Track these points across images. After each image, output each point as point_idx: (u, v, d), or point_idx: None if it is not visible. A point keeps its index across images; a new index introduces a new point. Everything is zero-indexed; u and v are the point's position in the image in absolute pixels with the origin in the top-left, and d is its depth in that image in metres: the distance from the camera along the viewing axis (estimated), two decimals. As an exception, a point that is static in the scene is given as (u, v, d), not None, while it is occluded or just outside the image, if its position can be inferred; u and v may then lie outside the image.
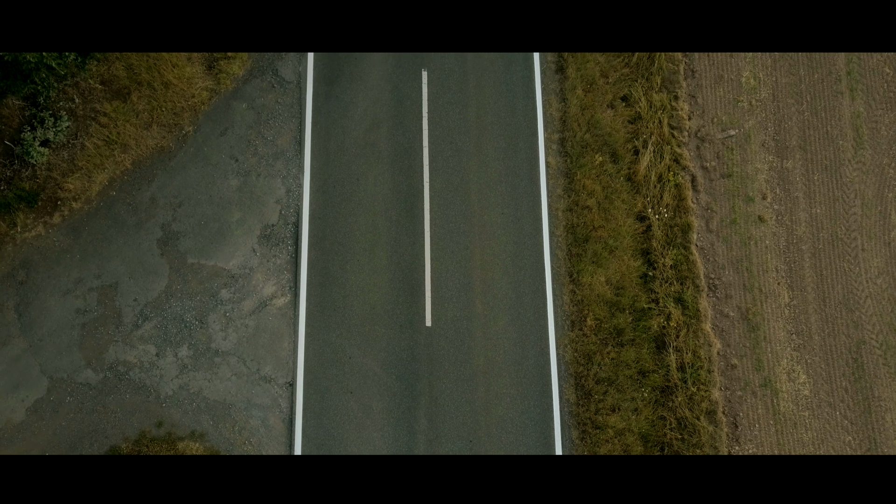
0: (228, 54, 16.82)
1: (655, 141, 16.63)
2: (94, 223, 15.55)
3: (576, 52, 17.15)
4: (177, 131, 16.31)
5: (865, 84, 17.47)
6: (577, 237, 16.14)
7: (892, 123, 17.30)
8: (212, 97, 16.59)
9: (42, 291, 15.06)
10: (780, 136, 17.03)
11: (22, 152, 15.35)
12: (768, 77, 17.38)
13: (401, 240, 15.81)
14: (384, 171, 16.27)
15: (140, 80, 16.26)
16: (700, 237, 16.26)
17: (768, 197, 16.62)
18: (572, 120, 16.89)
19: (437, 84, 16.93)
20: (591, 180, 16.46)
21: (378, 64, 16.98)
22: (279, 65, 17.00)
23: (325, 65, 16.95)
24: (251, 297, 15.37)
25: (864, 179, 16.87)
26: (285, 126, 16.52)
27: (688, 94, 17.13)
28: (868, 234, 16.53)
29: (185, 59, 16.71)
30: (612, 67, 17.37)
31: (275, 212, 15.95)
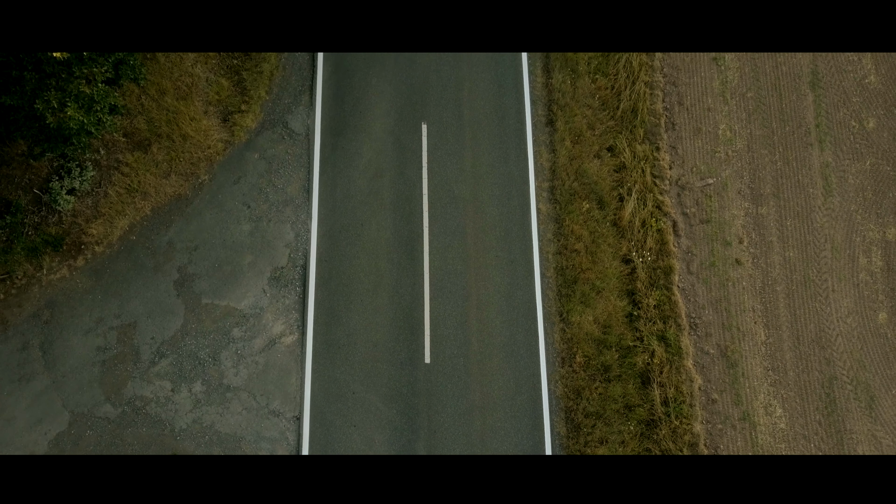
0: (242, 108, 18.14)
1: (639, 189, 17.87)
2: (115, 266, 16.62)
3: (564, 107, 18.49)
4: (193, 180, 17.51)
5: (833, 136, 18.82)
6: (567, 279, 17.25)
7: (859, 173, 18.61)
8: (226, 148, 17.83)
9: (65, 330, 16.06)
10: (755, 184, 18.30)
11: (50, 200, 16.50)
12: (743, 129, 18.73)
13: (402, 281, 16.90)
14: (386, 216, 17.43)
15: (160, 133, 17.52)
16: (681, 279, 17.39)
17: (745, 241, 17.81)
18: (561, 169, 18.15)
19: (436, 136, 18.21)
20: (580, 225, 17.64)
21: (381, 117, 18.28)
22: (289, 118, 18.29)
23: (332, 117, 18.25)
24: (261, 335, 16.38)
25: (833, 225, 18.09)
26: (294, 175, 17.74)
27: (669, 145, 18.44)
28: (838, 276, 17.68)
29: (202, 112, 18.00)
30: (598, 120, 18.72)
31: (284, 255, 17.06)
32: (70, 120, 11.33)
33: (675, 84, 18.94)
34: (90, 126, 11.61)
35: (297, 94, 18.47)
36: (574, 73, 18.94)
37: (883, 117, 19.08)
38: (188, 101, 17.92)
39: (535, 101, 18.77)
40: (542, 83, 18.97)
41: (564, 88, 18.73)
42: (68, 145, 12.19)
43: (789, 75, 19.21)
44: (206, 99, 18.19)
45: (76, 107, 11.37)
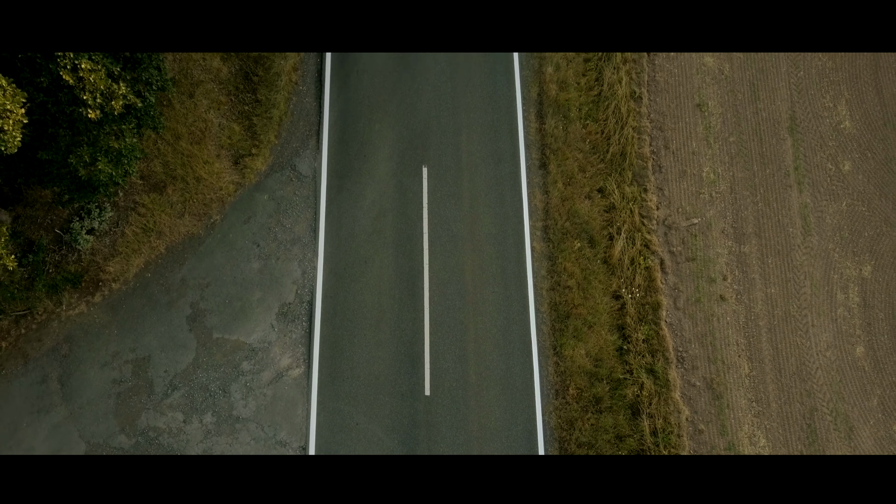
0: (252, 151, 19.19)
1: (628, 228, 18.87)
2: (130, 302, 17.50)
3: (556, 151, 19.58)
4: (206, 220, 18.48)
5: (811, 178, 19.91)
6: (560, 314, 18.16)
7: (836, 213, 19.66)
8: (237, 189, 18.84)
9: (83, 363, 16.87)
10: (738, 224, 19.33)
11: (70, 239, 17.43)
12: (726, 172, 19.82)
13: (403, 316, 17.78)
14: (389, 254, 18.38)
15: (175, 175, 18.53)
16: (669, 314, 18.31)
17: (728, 278, 18.77)
18: (554, 210, 19.17)
19: (436, 178, 19.25)
20: (572, 263, 18.60)
21: (384, 160, 19.34)
22: (297, 161, 19.34)
23: (338, 161, 19.31)
24: (269, 368, 17.20)
25: (812, 263, 19.08)
26: (302, 215, 18.72)
27: (656, 186, 19.50)
28: (817, 311, 18.62)
29: (215, 156, 19.05)
30: (588, 163, 19.80)
31: (291, 291, 17.96)
32: (100, 173, 12.32)
33: (662, 129, 20.07)
34: (118, 178, 12.60)
35: (305, 138, 19.55)
36: (566, 118, 20.07)
37: (858, 160, 20.19)
38: (202, 145, 18.98)
39: (529, 146, 19.86)
40: (535, 128, 20.08)
41: (557, 133, 19.84)
42: (96, 194, 13.15)
43: (769, 120, 20.37)
44: (218, 143, 19.24)
45: (106, 161, 12.37)
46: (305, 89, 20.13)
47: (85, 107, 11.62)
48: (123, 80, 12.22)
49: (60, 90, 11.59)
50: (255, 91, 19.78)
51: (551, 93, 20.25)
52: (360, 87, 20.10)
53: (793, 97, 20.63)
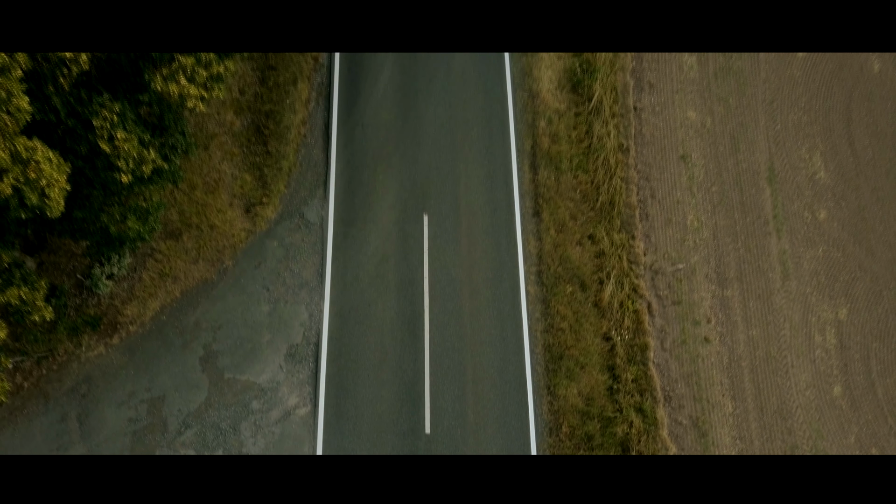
0: (263, 200, 20.37)
1: (617, 273, 20.02)
2: (146, 344, 18.47)
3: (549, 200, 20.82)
4: (219, 265, 19.56)
5: (789, 226, 21.15)
6: (553, 355, 19.19)
7: (812, 259, 20.86)
8: (248, 236, 19.97)
9: (100, 403, 17.77)
10: (721, 269, 20.50)
11: (91, 284, 18.47)
12: (709, 220, 21.05)
13: (405, 357, 18.78)
14: (391, 298, 19.44)
15: (190, 223, 19.66)
16: (656, 355, 19.35)
17: (712, 321, 19.87)
18: (547, 255, 20.33)
19: (436, 225, 20.42)
20: (564, 306, 19.69)
21: (388, 208, 20.52)
22: (305, 209, 20.52)
23: (344, 209, 20.48)
24: (278, 407, 18.12)
25: (791, 306, 20.21)
26: (309, 261, 19.83)
27: (643, 233, 20.70)
28: (796, 352, 19.69)
29: (228, 204, 20.21)
30: (579, 211, 21.02)
31: (299, 334, 18.96)
32: (129, 230, 13.44)
33: (648, 179, 21.35)
34: (145, 234, 13.72)
35: (313, 187, 20.76)
36: (558, 169, 21.35)
37: (832, 209, 21.47)
38: (215, 194, 20.16)
39: (523, 195, 21.10)
40: (529, 178, 21.34)
41: (549, 183, 21.10)
42: (123, 248, 14.25)
43: (748, 171, 21.68)
44: (231, 192, 20.43)
45: (135, 218, 13.50)
46: (313, 141, 21.41)
47: (119, 172, 12.79)
48: (153, 146, 13.42)
49: (97, 157, 12.77)
50: (266, 143, 21.05)
51: (544, 145, 21.57)
52: (364, 139, 21.39)
53: (771, 149, 21.98)
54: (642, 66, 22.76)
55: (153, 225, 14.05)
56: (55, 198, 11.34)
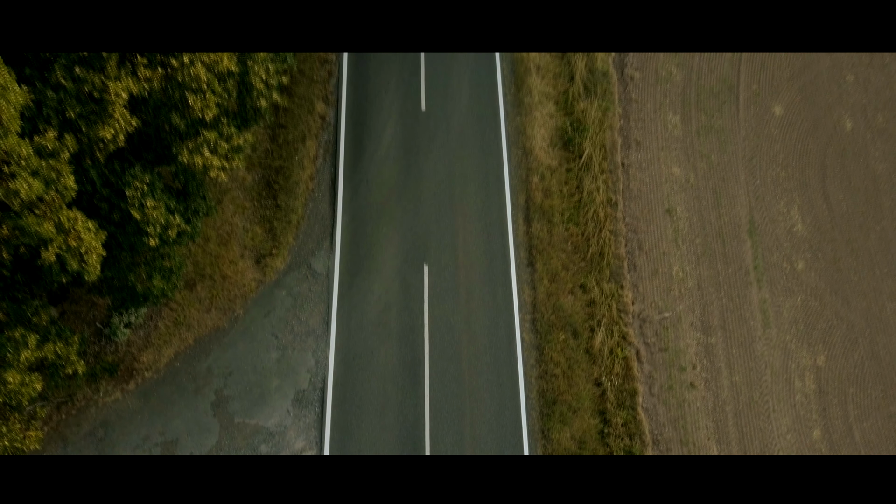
0: (273, 252, 21.57)
1: (607, 322, 21.17)
2: (161, 389, 19.46)
3: (542, 251, 22.07)
4: (230, 314, 20.66)
5: (769, 276, 22.39)
6: (547, 400, 20.20)
7: (791, 307, 22.05)
8: (259, 286, 21.12)
9: (116, 446, 18.68)
10: (705, 317, 21.67)
11: (109, 332, 19.53)
12: (693, 270, 22.30)
13: (405, 402, 19.78)
14: (393, 345, 20.52)
15: (204, 274, 20.83)
16: (644, 400, 20.38)
17: (697, 367, 20.96)
18: (541, 304, 21.50)
19: (436, 275, 21.62)
20: (557, 353, 20.78)
21: (390, 259, 21.74)
22: (312, 260, 21.73)
23: (349, 260, 21.69)
24: (285, 450, 19.04)
25: (771, 353, 21.33)
26: (316, 309, 20.96)
27: (631, 283, 21.92)
28: (777, 398, 20.75)
29: (239, 255, 21.41)
30: (571, 262, 22.26)
31: (306, 379, 19.98)
32: (154, 288, 14.60)
33: (636, 231, 22.65)
34: (168, 291, 14.88)
35: (320, 239, 22.00)
36: (550, 222, 22.66)
37: (810, 260, 22.75)
38: (228, 246, 21.38)
39: (518, 246, 22.36)
40: (523, 231, 22.63)
41: (542, 235, 22.38)
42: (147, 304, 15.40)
43: (730, 224, 23.02)
44: (242, 244, 21.65)
45: (159, 278, 14.67)
46: (320, 195, 22.73)
47: (147, 236, 14.01)
48: (178, 212, 14.67)
49: (128, 223, 14.00)
50: (276, 197, 22.35)
51: (537, 199, 22.92)
52: (369, 193, 22.72)
53: (751, 203, 23.36)
54: (629, 124, 24.26)
55: (175, 283, 15.22)
56: (93, 263, 12.52)
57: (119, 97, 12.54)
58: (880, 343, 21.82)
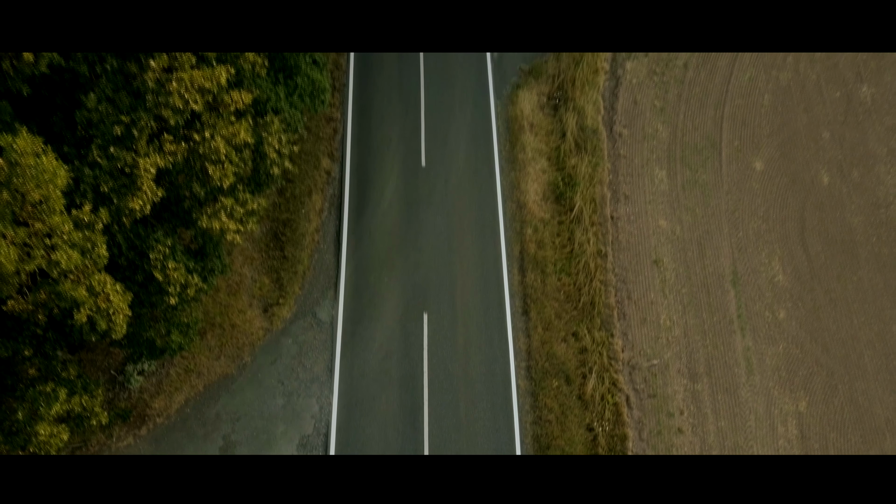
0: (280, 301, 22.66)
1: (598, 369, 22.18)
2: (171, 434, 20.35)
3: (536, 301, 23.19)
4: (238, 361, 21.66)
5: (752, 325, 23.50)
6: (542, 445, 21.09)
7: (774, 355, 23.11)
8: (266, 334, 22.16)
9: (128, 491, 19.48)
10: (691, 364, 22.70)
11: (123, 380, 20.50)
12: (680, 319, 23.40)
13: (405, 448, 20.65)
14: (394, 392, 21.48)
15: (214, 323, 21.88)
16: (634, 445, 21.28)
17: (685, 413, 21.91)
18: (535, 351, 22.53)
19: (435, 324, 22.69)
20: (551, 399, 21.75)
21: (391, 308, 22.83)
22: (317, 309, 22.81)
23: (352, 309, 22.78)
24: (290, 495, 19.84)
25: (755, 399, 22.31)
26: (320, 357, 21.96)
27: (621, 332, 23.00)
28: (761, 443, 21.66)
29: (248, 305, 22.50)
30: (563, 311, 23.37)
31: (310, 425, 20.88)
32: (172, 342, 15.67)
33: (625, 282, 23.82)
34: (185, 345, 15.94)
35: (324, 289, 23.12)
36: (543, 272, 23.83)
37: (791, 309, 23.88)
38: (237, 296, 22.48)
39: (513, 295, 23.49)
40: (518, 280, 23.80)
41: (536, 285, 23.54)
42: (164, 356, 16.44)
43: (714, 274, 24.21)
44: (251, 293, 22.77)
45: (177, 333, 15.76)
46: (325, 247, 23.93)
47: (168, 295, 15.13)
48: (196, 272, 15.83)
49: (151, 283, 15.13)
50: (283, 248, 23.54)
51: (531, 250, 24.14)
52: (371, 245, 23.93)
53: (734, 254, 24.60)
54: (618, 179, 25.64)
55: (192, 337, 16.30)
56: (120, 323, 13.61)
57: (148, 172, 13.79)
58: (859, 389, 22.82)
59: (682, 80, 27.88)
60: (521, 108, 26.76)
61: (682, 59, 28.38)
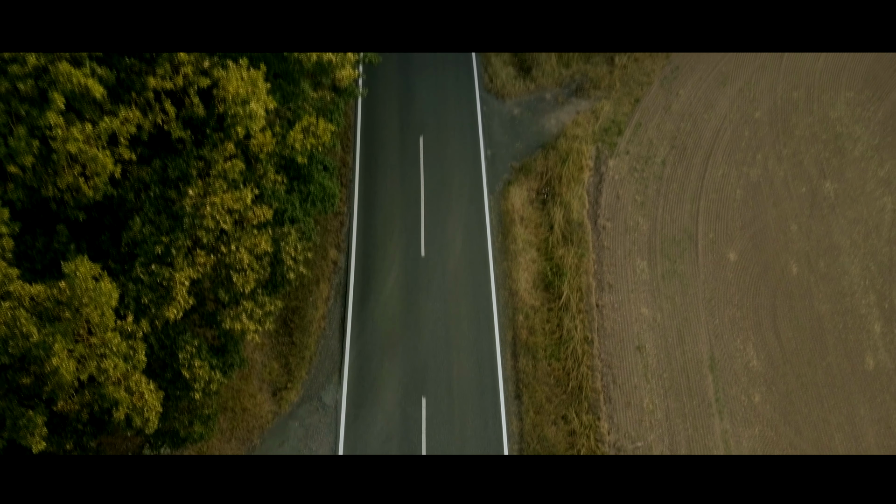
0: (288, 385, 24.26)
1: (586, 450, 23.58)
2: (184, 516, 21.55)
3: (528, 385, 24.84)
4: (248, 443, 23.08)
5: (729, 408, 25.10)
6: (533, 525, 22.30)
7: (750, 437, 24.62)
8: (274, 417, 23.66)
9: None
10: (673, 446, 24.16)
11: (141, 462, 21.88)
12: (662, 403, 25.01)
13: (405, 528, 21.85)
14: (394, 473, 22.82)
15: (226, 407, 23.41)
16: (621, 526, 22.49)
17: (668, 494, 23.21)
18: (528, 434, 24.01)
19: (433, 407, 24.23)
20: (541, 481, 23.09)
21: (392, 392, 24.42)
22: (322, 393, 24.40)
23: (355, 393, 24.36)
24: (294, 575, 20.93)
25: (734, 480, 23.66)
26: (325, 440, 23.41)
27: (607, 415, 24.55)
28: (740, 523, 22.89)
29: (257, 389, 24.09)
30: (554, 394, 24.97)
31: (315, 506, 22.12)
32: (194, 433, 17.26)
33: (610, 367, 25.54)
34: (207, 435, 17.52)
35: (329, 374, 24.77)
36: (534, 357, 25.57)
37: (765, 393, 25.54)
38: (248, 381, 24.10)
39: (506, 380, 25.14)
40: (511, 365, 25.50)
41: (528, 370, 25.24)
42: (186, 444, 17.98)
43: (693, 360, 25.96)
44: (261, 378, 24.39)
45: (199, 423, 17.36)
46: (331, 333, 25.72)
47: (194, 391, 16.83)
48: (218, 368, 17.58)
49: (178, 380, 16.86)
50: (292, 335, 25.31)
51: (522, 336, 25.95)
52: (374, 331, 25.72)
53: (711, 341, 26.42)
54: (602, 268, 27.70)
55: (212, 427, 17.88)
56: (153, 419, 15.27)
57: (182, 284, 15.75)
58: (832, 471, 24.21)
59: (660, 176, 30.37)
60: (512, 203, 29.10)
61: (661, 156, 30.97)
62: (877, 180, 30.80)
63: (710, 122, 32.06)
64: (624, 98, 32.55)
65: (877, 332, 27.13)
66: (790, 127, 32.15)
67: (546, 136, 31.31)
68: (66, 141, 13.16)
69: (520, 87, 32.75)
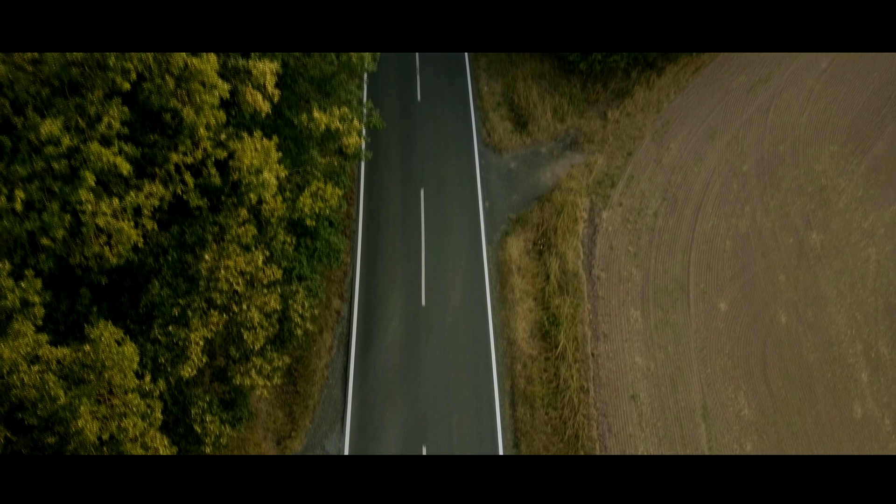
0: (292, 434, 24.91)
1: (582, 499, 24.15)
2: (189, 565, 21.99)
3: (526, 434, 25.47)
4: (253, 492, 23.62)
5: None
6: (531, 574, 22.74)
7: (743, 486, 25.18)
8: (278, 466, 24.24)
9: None
10: (668, 495, 24.71)
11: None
12: (656, 451, 25.61)
13: (405, 577, 22.29)
14: (395, 522, 23.33)
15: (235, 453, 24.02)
16: (617, 575, 22.94)
17: (663, 543, 23.70)
18: (525, 483, 24.57)
19: (435, 449, 24.84)
20: (539, 529, 23.59)
21: (392, 441, 25.06)
22: (325, 442, 25.04)
23: (357, 441, 24.99)
24: None
25: (727, 529, 24.18)
26: (328, 488, 23.95)
27: (602, 463, 25.14)
28: (734, 572, 23.33)
29: (262, 438, 24.73)
30: (551, 443, 25.61)
31: (317, 555, 22.59)
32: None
33: (605, 416, 26.25)
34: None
35: (332, 423, 25.44)
36: (532, 406, 26.28)
37: (756, 441, 26.20)
38: (253, 430, 24.75)
39: (504, 429, 25.81)
40: (509, 414, 26.18)
41: (526, 419, 25.92)
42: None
43: (686, 409, 26.67)
44: (265, 426, 25.05)
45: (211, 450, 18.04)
46: (334, 382, 26.47)
47: (204, 445, 17.56)
48: (228, 423, 18.33)
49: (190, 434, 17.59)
50: (296, 384, 26.05)
51: (521, 385, 26.70)
52: (375, 380, 26.48)
53: (703, 390, 27.18)
54: (598, 318, 28.59)
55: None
56: (166, 475, 15.97)
57: (197, 344, 16.64)
58: (823, 519, 24.74)
59: (652, 228, 31.49)
60: (509, 253, 30.15)
61: (653, 208, 32.15)
62: (861, 231, 31.94)
63: (699, 175, 33.34)
64: (617, 151, 33.90)
65: (864, 380, 27.92)
66: (777, 179, 33.43)
67: (542, 189, 32.54)
68: (94, 215, 14.21)
69: (516, 140, 34.14)
